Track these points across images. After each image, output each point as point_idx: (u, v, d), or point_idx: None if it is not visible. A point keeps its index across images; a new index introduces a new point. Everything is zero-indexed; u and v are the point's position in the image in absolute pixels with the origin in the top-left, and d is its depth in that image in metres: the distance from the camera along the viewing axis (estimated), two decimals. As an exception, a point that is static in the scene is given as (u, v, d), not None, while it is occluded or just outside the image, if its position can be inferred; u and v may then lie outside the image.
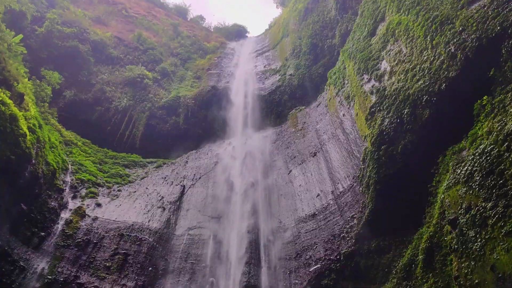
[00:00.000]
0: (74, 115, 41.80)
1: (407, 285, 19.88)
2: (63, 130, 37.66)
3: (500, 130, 14.15)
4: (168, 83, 50.88)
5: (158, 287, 27.55)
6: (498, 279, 12.41)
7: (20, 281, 22.33)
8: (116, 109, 44.52)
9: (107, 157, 38.67)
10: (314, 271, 26.67)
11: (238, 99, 47.81)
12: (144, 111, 46.02)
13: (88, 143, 39.11)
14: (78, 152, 36.26)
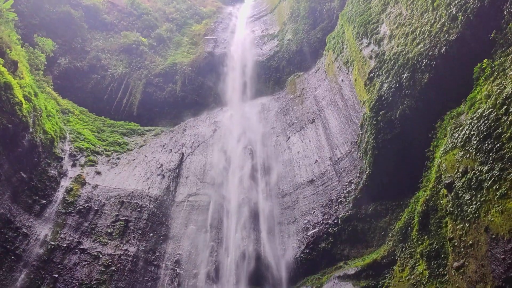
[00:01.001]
0: (69, 83, 41.30)
1: (403, 247, 20.36)
2: (59, 98, 37.32)
3: (499, 94, 14.06)
4: (164, 50, 50.03)
5: (160, 252, 28.16)
6: (491, 240, 12.69)
7: (24, 247, 22.79)
8: (112, 77, 43.97)
9: (105, 126, 38.55)
10: (312, 235, 27.22)
11: (235, 65, 47.17)
12: (141, 78, 45.49)
13: (85, 112, 38.88)
14: (75, 120, 36.09)
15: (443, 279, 16.50)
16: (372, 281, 21.86)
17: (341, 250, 25.80)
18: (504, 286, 12.10)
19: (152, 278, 26.36)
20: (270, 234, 29.18)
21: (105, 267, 24.98)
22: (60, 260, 24.11)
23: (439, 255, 17.01)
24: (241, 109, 42.34)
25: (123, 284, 24.76)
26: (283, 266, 27.09)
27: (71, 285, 23.42)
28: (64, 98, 38.41)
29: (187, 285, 26.52)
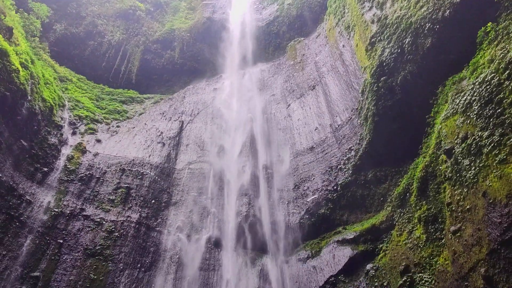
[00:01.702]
0: (66, 50, 40.71)
1: (401, 212, 20.68)
2: (57, 66, 36.87)
3: (502, 58, 13.85)
4: (162, 15, 48.95)
5: (162, 218, 28.62)
6: (489, 204, 12.85)
7: (28, 214, 23.16)
8: (109, 44, 43.26)
9: (104, 94, 38.30)
10: (311, 201, 27.58)
11: (234, 31, 46.26)
12: (138, 45, 44.78)
13: (83, 80, 38.52)
14: (74, 88, 35.81)
15: (440, 243, 16.85)
16: (370, 245, 22.34)
17: (340, 216, 26.21)
18: (500, 249, 12.36)
19: (154, 243, 26.92)
20: (270, 201, 29.55)
21: (108, 233, 25.46)
22: (64, 226, 24.55)
23: (437, 220, 17.29)
24: (240, 76, 41.92)
25: (126, 249, 25.30)
26: (283, 232, 27.61)
27: (75, 250, 23.95)
28: (62, 66, 37.97)
29: (189, 250, 27.10)
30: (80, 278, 23.01)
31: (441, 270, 16.21)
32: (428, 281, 16.75)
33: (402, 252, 19.21)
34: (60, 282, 22.43)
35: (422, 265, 17.51)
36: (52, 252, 23.17)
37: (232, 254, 26.78)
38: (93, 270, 23.61)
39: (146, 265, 25.52)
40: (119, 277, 23.99)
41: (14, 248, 21.58)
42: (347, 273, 22.13)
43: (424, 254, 17.60)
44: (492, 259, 12.72)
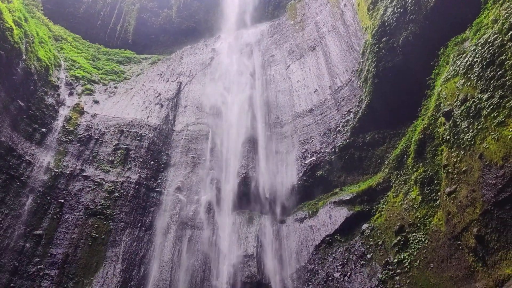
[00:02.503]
0: (60, 8, 39.62)
1: (398, 174, 20.92)
2: (51, 24, 35.99)
3: (506, 18, 13.55)
4: (158, -28, 47.28)
5: (161, 179, 28.93)
6: (484, 166, 12.99)
7: (28, 174, 23.35)
8: (104, 1, 42.06)
9: (100, 54, 37.64)
10: (309, 163, 27.80)
11: (233, -11, 44.90)
12: (134, 3, 43.55)
13: (78, 39, 37.74)
14: (69, 48, 35.14)
15: (435, 204, 17.17)
16: (366, 206, 22.75)
17: (338, 178, 26.52)
18: (493, 210, 12.61)
19: (154, 203, 27.35)
20: (268, 163, 29.78)
21: (108, 193, 25.79)
22: (65, 186, 24.83)
23: (433, 182, 17.54)
24: (239, 36, 41.08)
25: (126, 209, 25.72)
26: (281, 193, 28.00)
27: (77, 210, 24.35)
28: (56, 24, 37.08)
29: (189, 210, 27.58)
30: (82, 237, 23.54)
31: (435, 230, 16.62)
32: (422, 240, 17.21)
33: (397, 213, 19.61)
34: (63, 240, 22.96)
35: (417, 225, 17.93)
36: (53, 211, 23.56)
37: (230, 214, 27.29)
38: (94, 229, 24.11)
39: (147, 224, 26.06)
40: (120, 236, 24.54)
41: (16, 207, 21.93)
42: (343, 233, 22.66)
43: (418, 214, 17.98)
44: (485, 219, 13.01)
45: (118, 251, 23.87)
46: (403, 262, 17.70)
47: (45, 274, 21.44)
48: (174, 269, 24.56)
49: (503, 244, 12.44)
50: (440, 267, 15.72)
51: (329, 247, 22.63)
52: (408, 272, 17.22)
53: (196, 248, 25.67)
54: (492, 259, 12.96)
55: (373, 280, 18.76)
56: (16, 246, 21.01)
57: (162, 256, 25.08)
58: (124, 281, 22.62)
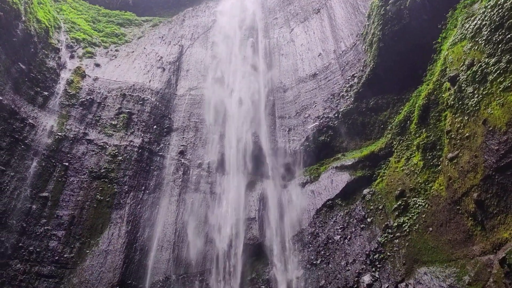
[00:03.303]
0: (58, -32, 38.45)
1: (400, 139, 20.91)
2: (49, -16, 35.08)
3: (519, -20, 13.09)
4: None
5: (164, 144, 29.05)
6: (488, 131, 12.94)
7: (32, 137, 23.49)
8: (103, -39, 40.78)
9: (100, 15, 36.89)
10: (312, 128, 27.77)
11: None
12: (134, -38, 42.24)
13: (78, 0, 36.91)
14: (68, 9, 34.42)
15: (436, 169, 17.26)
16: (368, 171, 22.91)
17: (340, 143, 26.56)
18: (494, 175, 12.68)
19: (158, 167, 27.61)
20: (271, 128, 29.77)
21: (112, 156, 26.00)
22: (69, 149, 25.02)
23: (435, 147, 17.54)
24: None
25: (130, 172, 26.01)
26: (283, 158, 28.16)
27: (81, 173, 24.65)
28: (54, -15, 36.12)
29: (192, 174, 27.87)
30: (88, 199, 23.94)
31: (435, 195, 16.78)
32: (422, 205, 17.42)
33: (398, 178, 19.76)
34: (69, 202, 23.38)
35: (417, 190, 18.10)
36: (58, 174, 23.85)
37: (233, 178, 27.57)
38: (99, 192, 24.50)
39: (150, 187, 26.42)
40: (125, 199, 24.95)
41: (22, 169, 22.20)
42: (344, 197, 22.95)
43: (420, 180, 18.11)
44: (485, 184, 13.10)
45: (123, 213, 24.34)
46: (402, 225, 18.00)
47: (52, 234, 21.99)
48: (178, 231, 25.12)
49: (502, 209, 12.60)
50: (438, 231, 16.00)
51: (330, 211, 22.98)
52: (407, 235, 17.55)
53: (199, 211, 26.14)
54: (490, 223, 13.16)
55: (372, 243, 19.17)
56: (23, 208, 21.45)
57: (166, 218, 25.58)
58: (129, 242, 23.21)
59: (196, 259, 24.15)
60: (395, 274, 17.18)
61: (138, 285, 22.26)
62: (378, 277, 17.95)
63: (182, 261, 23.99)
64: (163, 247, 24.29)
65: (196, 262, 24.01)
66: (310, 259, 21.79)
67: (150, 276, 22.96)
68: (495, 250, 12.93)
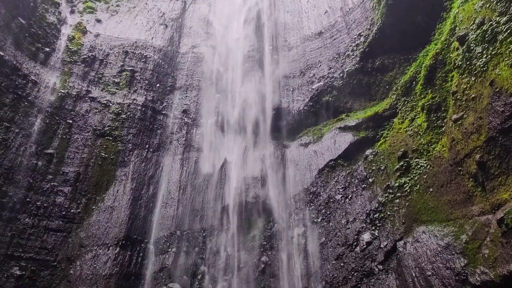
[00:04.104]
0: None
1: (405, 100, 20.73)
2: None
3: None
4: None
5: (167, 102, 28.95)
6: (494, 93, 12.77)
7: (35, 94, 23.41)
8: None
9: (100, -32, 35.65)
10: (316, 88, 27.50)
11: None
12: None
13: (77, -48, 35.55)
14: (67, -39, 33.22)
15: (440, 131, 17.22)
16: (371, 132, 22.90)
17: (344, 103, 26.39)
18: (498, 137, 12.64)
19: (161, 126, 27.66)
20: (274, 87, 29.47)
21: (115, 114, 26.01)
22: (72, 107, 25.01)
23: (440, 109, 17.42)
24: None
25: (134, 131, 26.09)
26: (286, 118, 28.08)
27: (85, 131, 24.76)
28: None
29: (195, 133, 27.96)
30: (92, 156, 24.20)
31: (438, 156, 16.84)
32: (424, 166, 17.53)
33: (401, 139, 19.76)
34: (74, 159, 23.66)
35: (420, 151, 18.15)
36: (63, 131, 23.98)
37: (236, 138, 27.68)
38: (103, 149, 24.71)
39: (154, 146, 26.59)
40: (129, 156, 25.20)
41: (26, 126, 22.31)
42: (346, 158, 23.09)
43: (423, 141, 18.12)
44: (488, 146, 13.10)
45: (127, 170, 24.67)
46: (403, 186, 18.21)
47: (58, 190, 22.43)
48: (181, 189, 25.55)
49: (503, 171, 12.66)
50: (439, 191, 16.18)
51: (332, 171, 23.19)
52: (408, 195, 17.78)
53: (203, 170, 26.44)
54: (491, 185, 13.27)
55: (373, 203, 19.47)
56: (29, 164, 21.75)
57: (170, 176, 25.94)
58: (134, 199, 23.68)
59: (200, 216, 24.72)
60: (394, 233, 17.57)
61: (144, 240, 22.94)
62: (378, 235, 18.37)
63: (186, 218, 24.56)
64: (167, 204, 24.80)
65: (199, 219, 24.60)
66: (311, 217, 22.24)
67: (155, 231, 23.60)
68: (493, 211, 13.12)
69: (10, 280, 19.30)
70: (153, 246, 23.06)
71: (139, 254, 22.42)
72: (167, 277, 22.11)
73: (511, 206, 11.94)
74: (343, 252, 19.43)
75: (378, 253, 17.88)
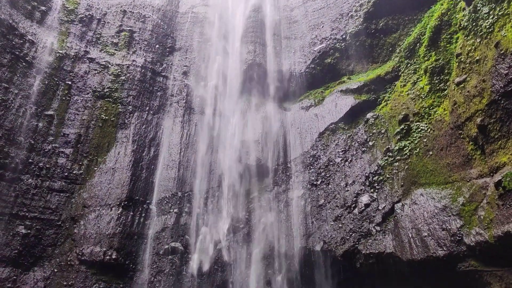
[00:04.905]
0: None
1: (408, 63, 20.45)
2: None
3: None
4: None
5: (167, 64, 28.56)
6: (499, 55, 12.56)
7: (33, 54, 23.05)
8: None
9: None
10: (318, 50, 27.05)
11: None
12: None
13: None
14: None
15: (442, 94, 17.10)
16: (373, 95, 22.74)
17: (346, 66, 26.05)
18: (500, 100, 12.56)
19: (161, 88, 27.44)
20: (276, 49, 28.98)
21: (115, 76, 25.74)
22: (71, 68, 24.70)
23: (443, 71, 17.22)
24: None
25: (134, 92, 25.91)
26: (288, 80, 27.80)
27: (85, 92, 24.59)
28: None
29: (195, 95, 27.77)
30: (92, 118, 24.17)
31: (439, 120, 16.82)
32: (424, 129, 17.54)
33: (403, 102, 19.66)
34: (74, 121, 23.65)
35: (421, 114, 18.10)
36: (62, 93, 23.82)
37: (237, 100, 27.50)
38: (104, 111, 24.64)
39: (154, 108, 26.49)
40: (129, 119, 25.16)
41: (25, 87, 22.14)
42: (347, 121, 23.05)
43: (425, 104, 18.03)
44: (490, 109, 13.04)
45: (128, 133, 24.70)
46: (403, 149, 18.28)
47: (60, 152, 22.56)
48: (182, 151, 25.69)
49: (504, 134, 12.67)
50: (438, 155, 16.28)
51: (333, 134, 23.22)
52: (407, 159, 17.90)
53: (203, 132, 26.48)
54: (490, 148, 13.33)
55: (372, 166, 19.63)
56: (30, 125, 21.76)
57: (171, 139, 26.00)
58: (136, 161, 23.85)
59: (201, 177, 24.99)
60: (393, 195, 17.83)
61: (146, 201, 23.32)
62: (376, 198, 18.65)
63: (187, 180, 24.86)
64: (168, 166, 25.01)
65: (200, 181, 24.88)
66: (310, 180, 22.49)
67: (156, 192, 23.94)
68: (491, 174, 13.26)
69: (16, 238, 19.79)
70: (155, 207, 23.46)
71: (141, 214, 22.85)
72: (169, 237, 22.65)
73: (509, 169, 12.04)
74: (342, 213, 19.79)
75: (376, 215, 18.22)
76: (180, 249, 22.28)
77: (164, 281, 21.45)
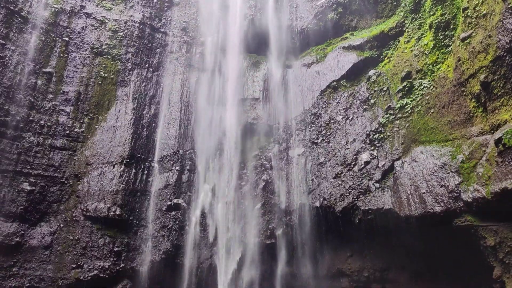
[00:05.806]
0: None
1: (413, 18, 19.94)
2: None
3: None
4: None
5: (166, 19, 27.84)
6: (506, 9, 12.18)
7: (28, 9, 22.37)
8: None
9: None
10: (321, 5, 26.32)
11: None
12: None
13: None
14: None
15: (446, 50, 16.81)
16: (375, 51, 22.36)
17: (349, 21, 25.43)
18: (505, 56, 12.34)
19: (160, 44, 26.92)
20: (278, 4, 28.13)
21: (113, 32, 25.19)
22: (67, 23, 24.12)
23: (448, 27, 16.83)
24: None
25: (132, 49, 25.47)
26: (289, 37, 27.20)
27: (83, 49, 24.17)
28: None
29: (195, 52, 27.29)
30: (92, 76, 23.92)
31: (442, 77, 16.63)
32: (427, 87, 17.38)
33: (406, 59, 19.35)
34: (73, 78, 23.42)
35: (424, 71, 17.87)
36: (60, 49, 23.43)
37: (237, 58, 27.00)
38: (102, 69, 24.33)
39: (154, 65, 26.13)
40: (129, 76, 24.89)
41: (22, 44, 21.72)
42: (349, 78, 22.81)
43: (428, 61, 17.76)
44: (494, 66, 12.85)
45: (128, 90, 24.53)
46: (405, 107, 18.20)
47: (60, 109, 22.51)
48: (183, 109, 25.60)
49: (507, 91, 12.56)
50: (440, 112, 16.23)
51: (334, 92, 23.05)
52: (409, 116, 17.86)
53: (203, 90, 26.25)
54: (492, 105, 13.26)
55: (373, 124, 19.62)
56: (29, 83, 21.57)
57: (171, 96, 25.83)
58: (136, 119, 23.84)
59: (202, 135, 25.07)
60: (393, 153, 17.95)
61: (148, 159, 23.53)
62: (376, 155, 18.80)
63: (188, 138, 24.96)
64: (169, 124, 25.02)
65: (201, 139, 24.97)
66: (311, 138, 22.57)
67: (158, 150, 24.11)
68: (492, 131, 13.28)
69: (22, 195, 20.18)
70: (157, 165, 23.71)
71: (144, 172, 23.14)
72: (171, 194, 23.07)
73: (510, 126, 12.04)
74: (342, 171, 20.01)
75: (375, 172, 18.44)
76: (183, 206, 22.77)
77: (167, 235, 22.09)
